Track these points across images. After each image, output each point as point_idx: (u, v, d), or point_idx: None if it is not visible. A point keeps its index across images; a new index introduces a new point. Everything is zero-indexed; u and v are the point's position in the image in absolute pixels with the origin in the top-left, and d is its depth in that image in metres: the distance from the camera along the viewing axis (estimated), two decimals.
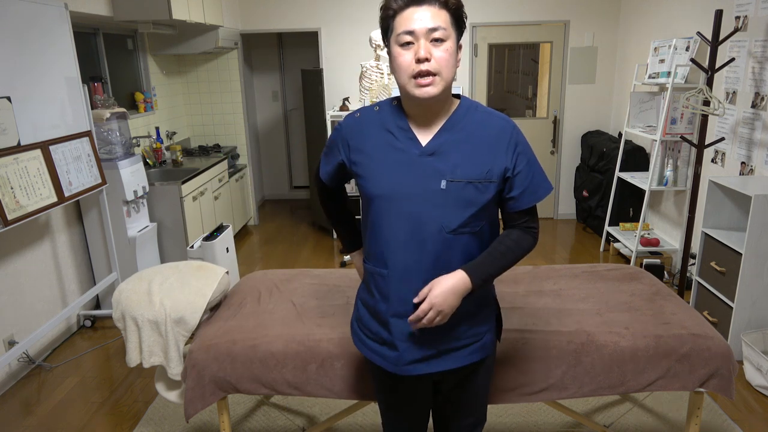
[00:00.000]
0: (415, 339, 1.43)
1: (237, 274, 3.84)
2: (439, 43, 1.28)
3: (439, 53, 1.28)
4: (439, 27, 1.27)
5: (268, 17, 5.50)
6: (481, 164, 1.35)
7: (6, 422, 2.68)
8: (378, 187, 1.39)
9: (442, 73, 1.29)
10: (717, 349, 1.87)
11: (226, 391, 1.94)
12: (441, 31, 1.28)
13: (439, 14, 1.28)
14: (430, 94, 1.30)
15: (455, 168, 1.35)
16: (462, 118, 1.38)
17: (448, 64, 1.29)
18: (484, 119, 1.39)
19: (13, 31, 2.75)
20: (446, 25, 1.28)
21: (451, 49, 1.29)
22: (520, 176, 1.38)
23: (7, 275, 3.00)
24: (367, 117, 1.45)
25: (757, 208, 2.80)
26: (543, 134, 5.70)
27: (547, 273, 2.40)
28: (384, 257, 1.41)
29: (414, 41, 1.28)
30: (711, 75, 3.34)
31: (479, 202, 1.36)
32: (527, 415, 2.61)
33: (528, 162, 1.39)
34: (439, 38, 1.28)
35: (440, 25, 1.27)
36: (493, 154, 1.36)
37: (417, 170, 1.36)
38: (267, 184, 7.04)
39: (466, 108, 1.40)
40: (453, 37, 1.30)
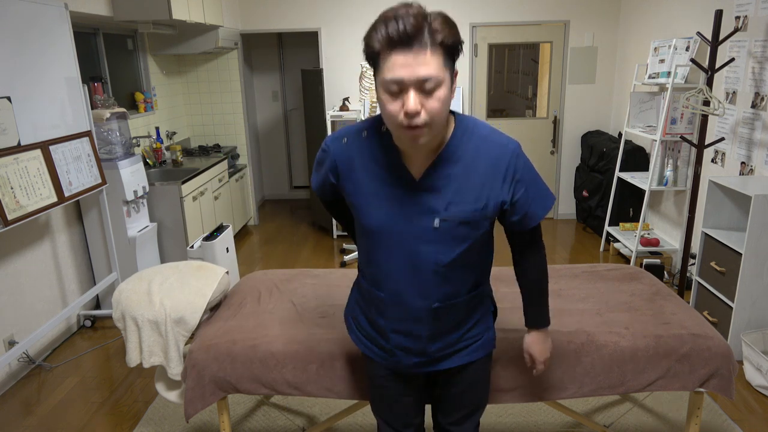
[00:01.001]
0: (411, 350, 1.45)
1: (237, 274, 3.84)
2: (430, 92, 1.14)
3: (431, 104, 1.14)
4: (431, 77, 1.12)
5: (268, 17, 5.50)
6: (475, 200, 1.29)
7: (6, 422, 2.68)
8: (369, 219, 1.35)
9: (432, 123, 1.17)
10: (717, 349, 1.87)
11: (226, 391, 1.94)
12: (433, 80, 1.12)
13: (431, 60, 1.11)
14: (420, 143, 1.20)
15: (448, 205, 1.29)
16: (457, 147, 1.28)
17: (440, 113, 1.16)
18: (480, 146, 1.29)
19: (13, 31, 2.75)
20: (438, 71, 1.12)
21: (444, 96, 1.15)
22: (518, 203, 1.34)
23: (7, 275, 3.00)
24: (354, 144, 1.35)
25: (757, 208, 2.80)
26: (543, 134, 5.70)
27: None
28: (379, 281, 1.41)
29: (402, 90, 1.14)
30: (711, 75, 3.34)
31: (472, 237, 1.34)
32: (527, 415, 2.61)
33: (527, 187, 1.33)
34: (430, 88, 1.13)
35: (432, 75, 1.12)
36: (489, 188, 1.29)
37: (409, 206, 1.30)
38: (267, 184, 7.04)
39: (462, 133, 1.29)
40: (447, 80, 1.15)
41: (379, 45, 1.13)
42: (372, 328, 1.51)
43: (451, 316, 1.42)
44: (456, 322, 1.44)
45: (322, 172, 1.44)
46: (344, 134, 1.38)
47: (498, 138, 1.31)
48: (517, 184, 1.32)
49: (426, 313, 1.39)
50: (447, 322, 1.43)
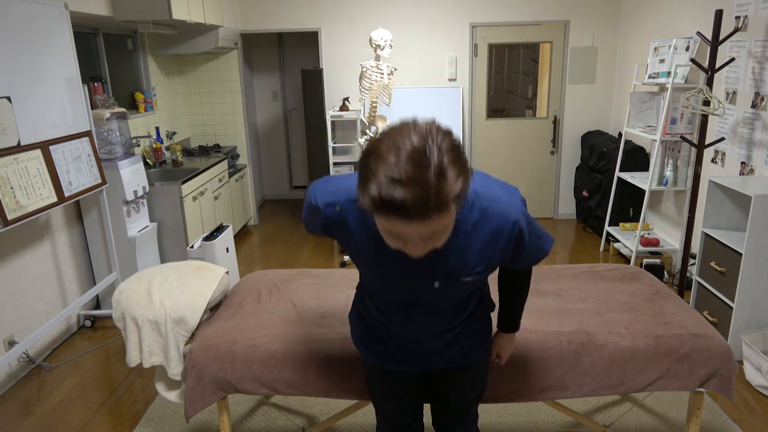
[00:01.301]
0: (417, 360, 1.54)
1: (237, 274, 3.84)
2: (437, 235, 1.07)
3: (437, 242, 1.08)
4: (436, 231, 1.03)
5: (268, 17, 5.50)
6: (475, 265, 1.28)
7: (6, 422, 2.68)
8: (369, 278, 1.36)
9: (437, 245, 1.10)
10: (717, 349, 1.87)
11: (226, 391, 1.93)
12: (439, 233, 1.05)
13: (438, 222, 1.01)
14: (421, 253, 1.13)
15: (449, 272, 1.27)
16: (457, 222, 1.22)
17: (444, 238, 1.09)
18: (481, 219, 1.23)
19: (13, 31, 2.75)
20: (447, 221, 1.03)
21: (449, 230, 1.07)
22: (517, 255, 1.35)
23: (7, 275, 3.00)
24: (349, 212, 1.27)
25: (757, 208, 2.80)
26: (543, 134, 5.70)
27: (547, 273, 2.40)
28: (384, 314, 1.46)
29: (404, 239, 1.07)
30: (711, 75, 3.34)
31: (473, 286, 1.37)
32: (527, 415, 2.61)
33: (526, 243, 1.31)
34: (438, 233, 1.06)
35: (437, 230, 1.03)
36: (489, 254, 1.28)
37: (408, 270, 1.27)
38: (267, 184, 7.04)
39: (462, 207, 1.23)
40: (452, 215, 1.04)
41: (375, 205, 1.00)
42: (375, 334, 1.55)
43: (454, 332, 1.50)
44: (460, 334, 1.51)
45: (316, 224, 1.37)
46: (335, 201, 1.27)
47: (500, 209, 1.23)
48: (517, 244, 1.30)
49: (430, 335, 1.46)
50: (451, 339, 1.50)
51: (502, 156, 5.74)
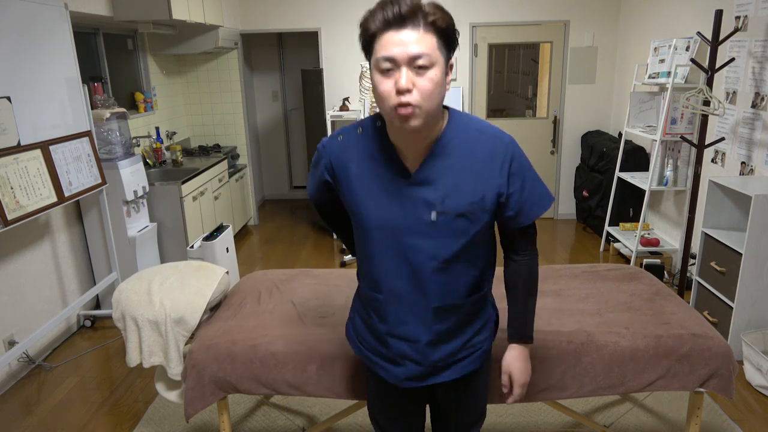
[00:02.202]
0: (413, 359, 1.41)
1: (237, 274, 3.84)
2: (423, 71, 1.14)
3: (422, 83, 1.14)
4: (423, 54, 1.13)
5: (268, 17, 5.50)
6: (471, 193, 1.27)
7: (6, 422, 2.68)
8: (366, 218, 1.33)
9: (423, 105, 1.15)
10: (717, 349, 1.87)
11: (226, 391, 1.94)
12: (425, 58, 1.13)
13: (424, 38, 1.13)
14: (412, 127, 1.18)
15: (444, 199, 1.27)
16: (451, 139, 1.27)
17: (432, 95, 1.16)
18: (475, 139, 1.28)
19: (13, 31, 2.75)
20: (431, 50, 1.14)
21: (436, 78, 1.15)
22: (513, 196, 1.31)
23: (7, 275, 3.00)
24: (350, 141, 1.34)
25: (757, 208, 2.80)
26: (543, 134, 5.70)
27: (547, 273, 2.40)
28: (378, 283, 1.38)
29: (395, 68, 1.15)
30: (711, 75, 3.34)
31: (472, 232, 1.30)
32: (527, 415, 2.61)
33: (523, 180, 1.31)
34: (423, 65, 1.14)
35: (424, 52, 1.13)
36: (485, 180, 1.27)
37: (405, 201, 1.29)
38: (267, 184, 7.04)
39: (456, 126, 1.28)
40: (440, 62, 1.16)
41: (374, 26, 1.15)
42: (371, 335, 1.46)
43: (451, 319, 1.38)
44: (457, 328, 1.40)
45: (318, 173, 1.43)
46: (340, 132, 1.38)
47: (493, 131, 1.30)
48: (512, 176, 1.29)
49: (425, 314, 1.35)
50: (447, 326, 1.38)
51: None
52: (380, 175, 1.30)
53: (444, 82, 1.19)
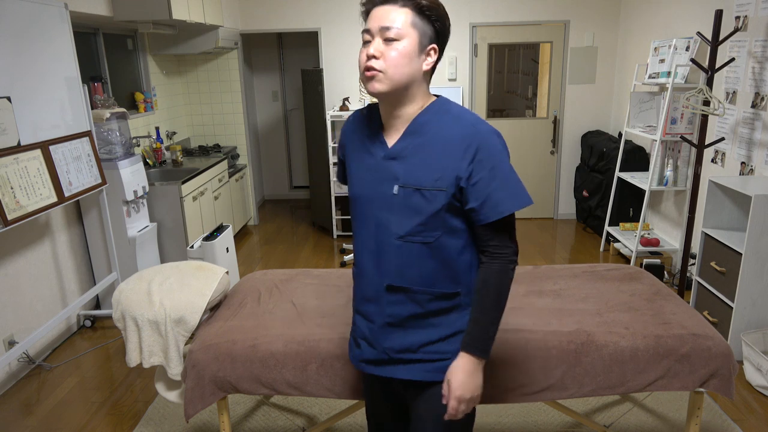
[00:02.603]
0: (369, 340, 1.42)
1: (237, 274, 3.84)
2: (391, 42, 1.24)
3: (389, 52, 1.24)
4: (392, 26, 1.23)
5: (268, 17, 5.50)
6: (433, 171, 1.28)
7: (6, 422, 2.68)
8: (351, 188, 1.42)
9: (387, 71, 1.25)
10: (717, 349, 1.87)
11: (226, 391, 1.94)
12: (394, 30, 1.23)
13: (398, 12, 1.24)
14: (374, 89, 1.27)
15: (408, 173, 1.30)
16: (428, 120, 1.31)
17: (397, 64, 1.24)
18: (449, 123, 1.29)
19: (13, 31, 2.75)
20: (402, 24, 1.23)
21: (404, 50, 1.24)
22: (477, 186, 1.26)
23: (7, 275, 3.00)
24: (355, 120, 1.46)
25: (757, 208, 2.80)
26: (543, 134, 5.70)
27: (547, 273, 2.40)
28: (356, 255, 1.44)
29: (371, 39, 1.26)
30: (711, 75, 3.34)
31: (426, 212, 1.29)
32: (527, 415, 2.61)
33: (491, 170, 1.26)
34: (391, 38, 1.24)
35: (393, 24, 1.23)
36: (447, 161, 1.27)
37: (379, 174, 1.35)
38: (267, 184, 7.04)
39: (436, 110, 1.32)
40: (411, 37, 1.24)
41: (367, 5, 1.29)
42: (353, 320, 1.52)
43: (405, 306, 1.36)
44: (413, 320, 1.37)
45: (339, 153, 1.53)
46: (352, 113, 1.50)
47: (471, 119, 1.29)
48: (478, 163, 1.26)
49: (380, 292, 1.37)
50: (401, 313, 1.36)
51: None
52: (366, 150, 1.39)
53: (413, 56, 1.26)
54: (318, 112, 5.10)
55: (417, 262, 1.33)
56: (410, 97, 1.31)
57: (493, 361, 1.85)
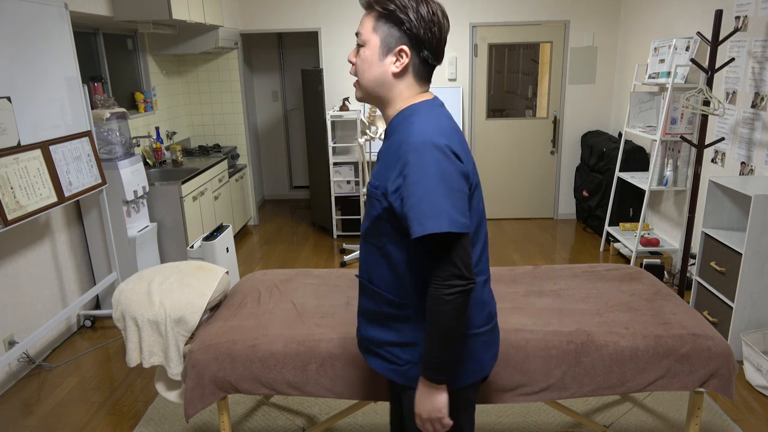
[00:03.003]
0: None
1: (237, 274, 3.84)
2: (359, 48, 1.30)
3: (358, 59, 1.31)
4: (358, 32, 1.30)
5: (268, 17, 5.50)
6: (378, 177, 1.29)
7: (6, 422, 2.68)
8: None
9: (359, 77, 1.32)
10: (717, 349, 1.87)
11: (226, 391, 1.94)
12: (359, 37, 1.30)
13: (366, 19, 1.28)
14: (356, 97, 1.36)
15: (373, 175, 1.34)
16: (396, 126, 1.30)
17: (362, 70, 1.30)
18: (405, 130, 1.25)
19: (13, 31, 2.75)
20: (365, 30, 1.28)
21: (364, 56, 1.28)
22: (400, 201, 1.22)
23: (7, 275, 3.00)
24: None
25: (757, 208, 2.80)
26: (543, 134, 5.70)
27: (547, 273, 2.40)
28: None
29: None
30: (711, 75, 3.34)
31: (371, 216, 1.32)
32: (527, 415, 2.61)
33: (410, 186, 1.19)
34: (359, 44, 1.30)
35: (358, 31, 1.30)
36: (389, 170, 1.26)
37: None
38: (267, 184, 7.04)
39: (405, 115, 1.29)
40: (373, 42, 1.27)
41: None
42: None
43: (364, 299, 1.42)
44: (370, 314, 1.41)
45: None
46: None
47: (415, 128, 1.23)
48: (403, 178, 1.21)
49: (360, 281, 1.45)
50: (362, 304, 1.44)
51: (502, 156, 5.74)
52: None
53: (375, 61, 1.28)
54: (318, 112, 5.10)
55: (373, 263, 1.37)
56: (387, 99, 1.32)
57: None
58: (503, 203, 5.88)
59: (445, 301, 1.20)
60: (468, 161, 1.27)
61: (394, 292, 1.34)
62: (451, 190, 1.18)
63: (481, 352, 1.39)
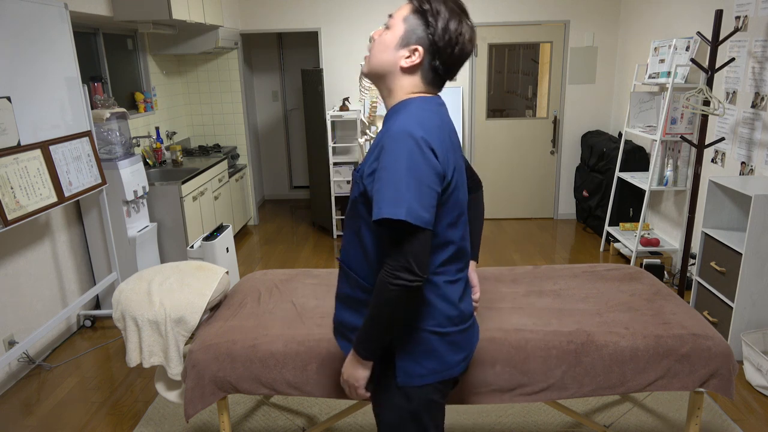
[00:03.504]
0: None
1: (237, 274, 3.84)
2: (386, 30, 1.33)
3: (377, 37, 1.33)
4: (391, 15, 1.32)
5: (268, 17, 5.50)
6: (363, 163, 1.34)
7: (6, 422, 2.68)
8: None
9: (370, 53, 1.35)
10: (717, 349, 1.87)
11: (226, 391, 1.94)
12: (390, 19, 1.32)
13: (403, 7, 1.32)
14: (362, 70, 1.39)
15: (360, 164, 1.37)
16: (388, 118, 1.33)
17: (377, 50, 1.32)
18: (391, 120, 1.29)
19: (13, 31, 2.75)
20: (397, 16, 1.30)
21: (385, 38, 1.31)
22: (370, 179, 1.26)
23: (7, 275, 3.00)
24: None
25: (757, 208, 2.80)
26: (543, 134, 5.70)
27: (547, 273, 2.40)
28: None
29: None
30: (711, 75, 3.34)
31: (351, 198, 1.36)
32: (527, 415, 2.61)
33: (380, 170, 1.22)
34: (387, 26, 1.33)
35: (392, 14, 1.32)
36: (370, 155, 1.31)
37: None
38: (267, 184, 7.04)
39: (398, 108, 1.31)
40: (398, 29, 1.30)
41: None
42: None
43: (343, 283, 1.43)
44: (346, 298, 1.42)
45: None
46: None
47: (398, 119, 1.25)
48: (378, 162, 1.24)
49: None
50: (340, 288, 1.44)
51: (502, 156, 5.74)
52: None
53: (390, 47, 1.30)
54: (318, 112, 5.10)
55: (350, 245, 1.39)
56: (389, 90, 1.35)
57: (493, 360, 1.85)
58: (503, 203, 5.88)
59: (387, 290, 1.21)
60: (447, 159, 1.27)
61: (365, 276, 1.36)
62: (418, 183, 1.19)
63: (446, 353, 1.37)
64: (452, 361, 1.38)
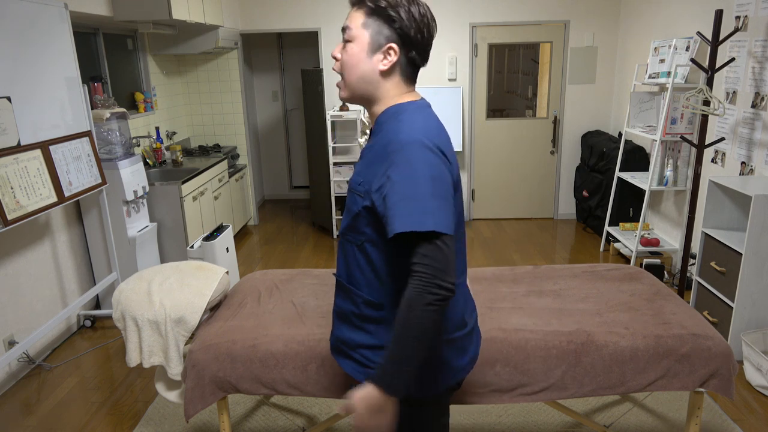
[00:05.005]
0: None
1: (237, 274, 3.84)
2: (346, 44, 1.27)
3: (344, 54, 1.28)
4: (345, 27, 1.26)
5: (268, 17, 5.50)
6: (362, 174, 1.27)
7: (6, 422, 2.68)
8: None
9: (343, 75, 1.29)
10: (717, 349, 1.87)
11: (226, 391, 1.94)
12: (347, 32, 1.26)
13: (354, 15, 1.26)
14: (340, 97, 1.32)
15: (356, 172, 1.32)
16: (382, 123, 1.28)
17: (348, 66, 1.27)
18: (392, 129, 1.23)
19: (13, 31, 2.75)
20: (354, 26, 1.25)
21: (351, 51, 1.25)
22: (381, 197, 1.19)
23: (7, 275, 3.00)
24: None
25: (757, 208, 2.80)
26: (543, 134, 5.70)
27: (547, 273, 2.40)
28: None
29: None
30: (711, 75, 3.34)
31: (351, 213, 1.29)
32: (527, 415, 2.61)
33: (394, 183, 1.16)
34: (346, 40, 1.27)
35: (346, 25, 1.26)
36: (375, 167, 1.23)
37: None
38: (267, 184, 7.04)
39: (391, 114, 1.27)
40: (362, 38, 1.24)
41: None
42: None
43: (339, 297, 1.39)
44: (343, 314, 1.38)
45: None
46: None
47: (403, 128, 1.21)
48: (387, 176, 1.18)
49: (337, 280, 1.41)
50: (337, 302, 1.41)
51: (502, 156, 5.74)
52: None
53: (362, 57, 1.26)
54: (318, 112, 5.10)
55: (351, 261, 1.33)
56: (374, 98, 1.30)
57: (493, 360, 1.85)
58: (503, 203, 5.88)
59: (425, 309, 1.12)
60: (453, 162, 1.27)
61: (371, 292, 1.31)
62: (439, 192, 1.16)
63: (454, 359, 1.35)
64: (460, 365, 1.38)
